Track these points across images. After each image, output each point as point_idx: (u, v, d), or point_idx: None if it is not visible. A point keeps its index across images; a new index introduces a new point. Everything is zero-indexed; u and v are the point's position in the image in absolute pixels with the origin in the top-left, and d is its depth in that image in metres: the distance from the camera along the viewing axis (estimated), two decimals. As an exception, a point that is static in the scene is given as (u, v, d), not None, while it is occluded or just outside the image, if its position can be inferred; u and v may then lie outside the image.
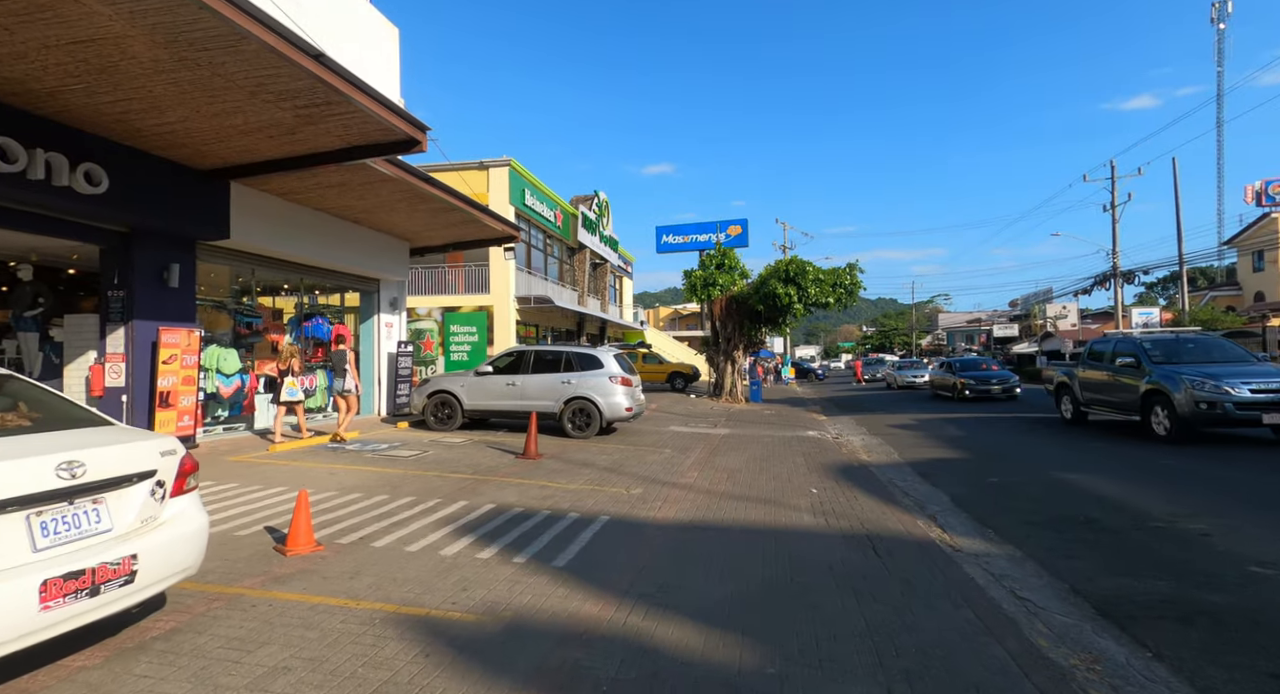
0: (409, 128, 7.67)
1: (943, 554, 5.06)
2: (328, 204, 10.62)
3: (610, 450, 9.98)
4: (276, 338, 11.74)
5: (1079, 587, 4.41)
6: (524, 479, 7.58)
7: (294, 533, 4.50)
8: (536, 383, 11.48)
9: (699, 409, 18.28)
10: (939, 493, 7.59)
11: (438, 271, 22.56)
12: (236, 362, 9.91)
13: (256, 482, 6.90)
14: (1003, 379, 20.88)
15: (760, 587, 4.19)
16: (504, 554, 4.73)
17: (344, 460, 8.38)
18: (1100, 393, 12.45)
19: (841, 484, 7.78)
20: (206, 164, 8.26)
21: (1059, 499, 7.02)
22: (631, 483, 7.55)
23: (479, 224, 12.89)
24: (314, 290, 14.06)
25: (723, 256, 21.79)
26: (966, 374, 21.38)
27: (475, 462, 8.63)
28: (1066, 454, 10.12)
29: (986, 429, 13.46)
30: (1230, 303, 41.67)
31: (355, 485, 6.90)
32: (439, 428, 11.68)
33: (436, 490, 6.79)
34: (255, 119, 7.00)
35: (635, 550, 4.93)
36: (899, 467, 9.47)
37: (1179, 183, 30.06)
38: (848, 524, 5.87)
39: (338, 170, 9.01)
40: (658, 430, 12.90)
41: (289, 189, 9.66)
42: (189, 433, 8.54)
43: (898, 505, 6.74)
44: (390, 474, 7.57)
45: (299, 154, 8.11)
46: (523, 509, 6.15)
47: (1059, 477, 8.23)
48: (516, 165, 21.79)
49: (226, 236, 8.95)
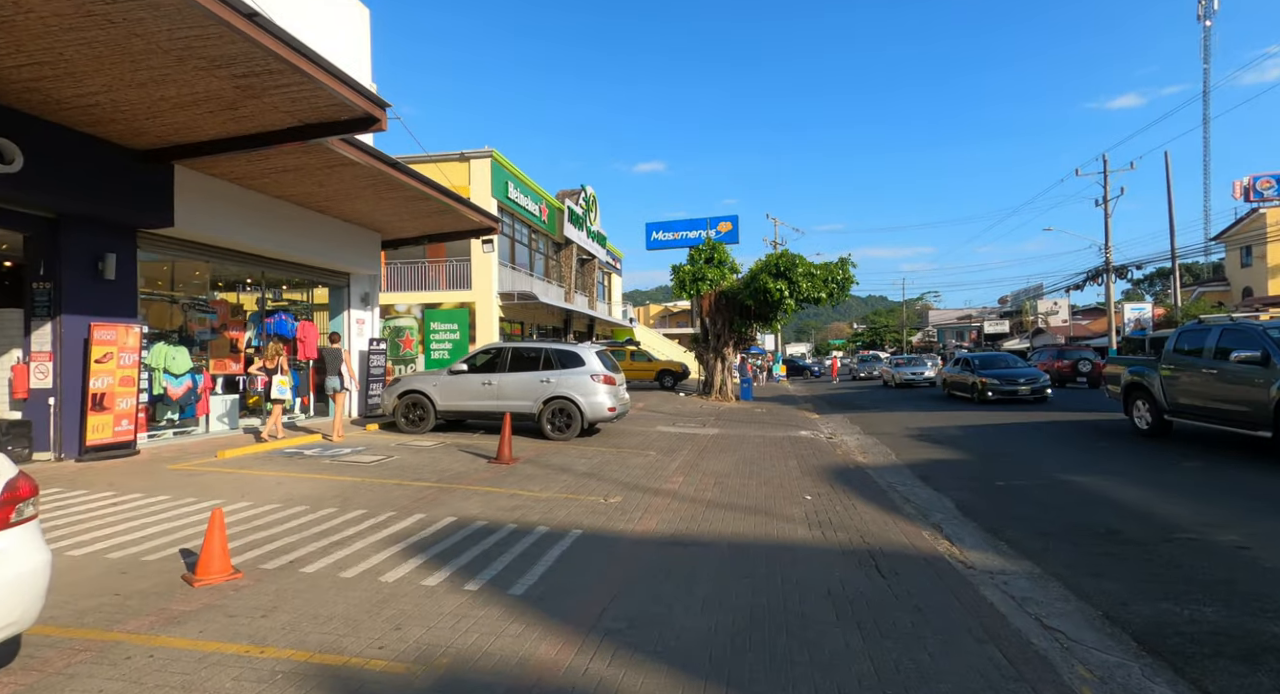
0: (365, 103, 7.01)
1: (954, 573, 4.49)
2: (286, 191, 9.91)
3: (591, 453, 9.36)
4: (236, 335, 11.03)
5: (1114, 613, 3.84)
6: (493, 487, 6.95)
7: (205, 559, 3.84)
8: (514, 382, 10.83)
9: (688, 408, 17.70)
10: (942, 499, 7.03)
11: (418, 267, 21.81)
12: (187, 360, 9.20)
13: (191, 493, 6.22)
14: (1031, 378, 18.10)
15: (749, 619, 3.59)
16: (455, 580, 4.10)
17: (298, 467, 7.71)
18: (1199, 397, 9.50)
19: (837, 489, 7.20)
20: (143, 143, 7.55)
21: (1072, 505, 6.48)
22: (610, 490, 6.94)
23: (454, 214, 12.21)
24: (282, 286, 13.34)
25: (712, 251, 21.20)
26: (988, 372, 18.56)
27: (443, 467, 7.99)
28: (1072, 455, 9.60)
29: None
30: (1218, 298, 41.64)
31: (303, 496, 6.23)
32: (410, 430, 11.00)
33: (393, 501, 6.14)
34: (189, 90, 6.31)
35: (608, 572, 4.32)
36: (897, 469, 8.92)
37: (1171, 177, 29.82)
38: (846, 537, 5.29)
39: (292, 153, 8.31)
40: (643, 431, 12.29)
41: (241, 174, 8.95)
42: (128, 438, 7.83)
43: (899, 513, 6.17)
44: (345, 483, 6.91)
45: (246, 133, 7.43)
46: (486, 522, 5.52)
47: (1066, 480, 7.69)
48: (499, 157, 21.07)
49: (170, 224, 8.24)
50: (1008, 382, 18.05)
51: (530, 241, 25.32)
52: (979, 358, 20.47)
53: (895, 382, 28.91)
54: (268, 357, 9.64)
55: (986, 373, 18.61)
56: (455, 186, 18.52)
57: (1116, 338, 30.05)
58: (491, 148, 20.67)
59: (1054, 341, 37.69)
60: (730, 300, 20.78)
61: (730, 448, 10.28)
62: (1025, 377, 18.22)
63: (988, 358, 20.72)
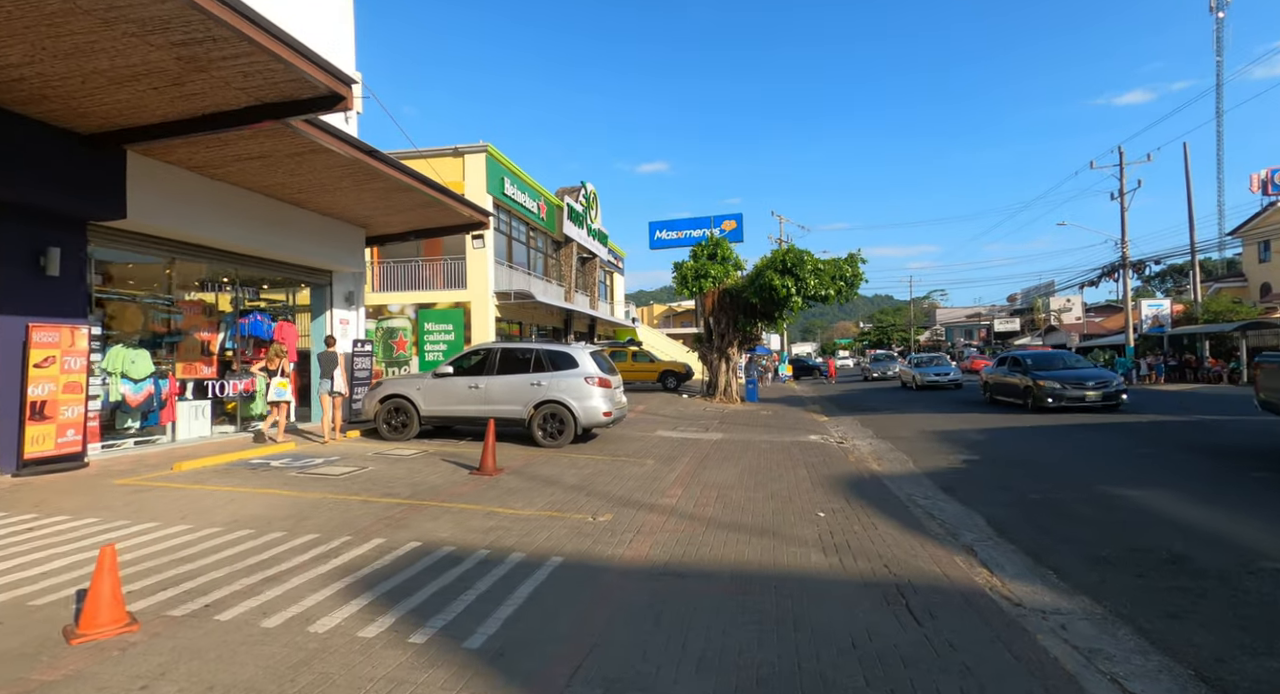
0: (328, 79, 6.33)
1: (1000, 613, 3.76)
2: (256, 182, 9.24)
3: (583, 463, 8.65)
4: (208, 337, 10.38)
5: (1209, 673, 3.11)
6: (470, 503, 6.25)
7: (90, 609, 3.15)
8: (503, 385, 10.13)
9: (690, 410, 16.97)
10: (971, 514, 6.29)
11: (412, 266, 21.17)
12: (148, 364, 8.54)
13: (127, 515, 5.54)
14: (1101, 381, 14.89)
15: (755, 683, 2.87)
16: (400, 628, 3.40)
17: (258, 481, 7.02)
18: None
19: (853, 504, 6.47)
20: (88, 126, 6.89)
21: (1123, 525, 5.73)
22: (601, 506, 6.23)
23: (441, 207, 11.53)
24: (263, 284, 12.69)
25: (715, 247, 20.46)
26: (1046, 374, 15.46)
27: (419, 480, 7.29)
28: (1111, 463, 8.84)
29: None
30: (1235, 294, 40.60)
31: (252, 517, 5.54)
32: (392, 437, 10.32)
33: (353, 522, 5.45)
34: (124, 62, 5.64)
35: (587, 615, 3.61)
36: (916, 478, 8.18)
37: (1190, 168, 28.92)
38: (868, 565, 4.56)
39: (255, 138, 7.65)
40: (642, 436, 11.58)
41: (203, 162, 8.29)
42: (75, 450, 7.17)
43: (925, 534, 5.44)
44: (305, 500, 6.22)
45: (199, 114, 6.76)
46: (454, 548, 4.82)
47: (1111, 492, 6.94)
48: (494, 151, 20.41)
49: (123, 216, 7.58)
50: (1072, 385, 14.83)
51: (528, 239, 24.65)
52: (1032, 357, 17.28)
53: (918, 383, 26.06)
54: (269, 359, 9.68)
55: (1044, 375, 15.43)
56: (449, 183, 17.87)
57: (1134, 335, 29.16)
58: (486, 142, 20.01)
59: (1067, 340, 36.75)
60: (734, 298, 20.04)
61: (734, 455, 9.55)
62: (1094, 379, 15.03)
63: (1043, 356, 17.63)
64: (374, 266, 21.03)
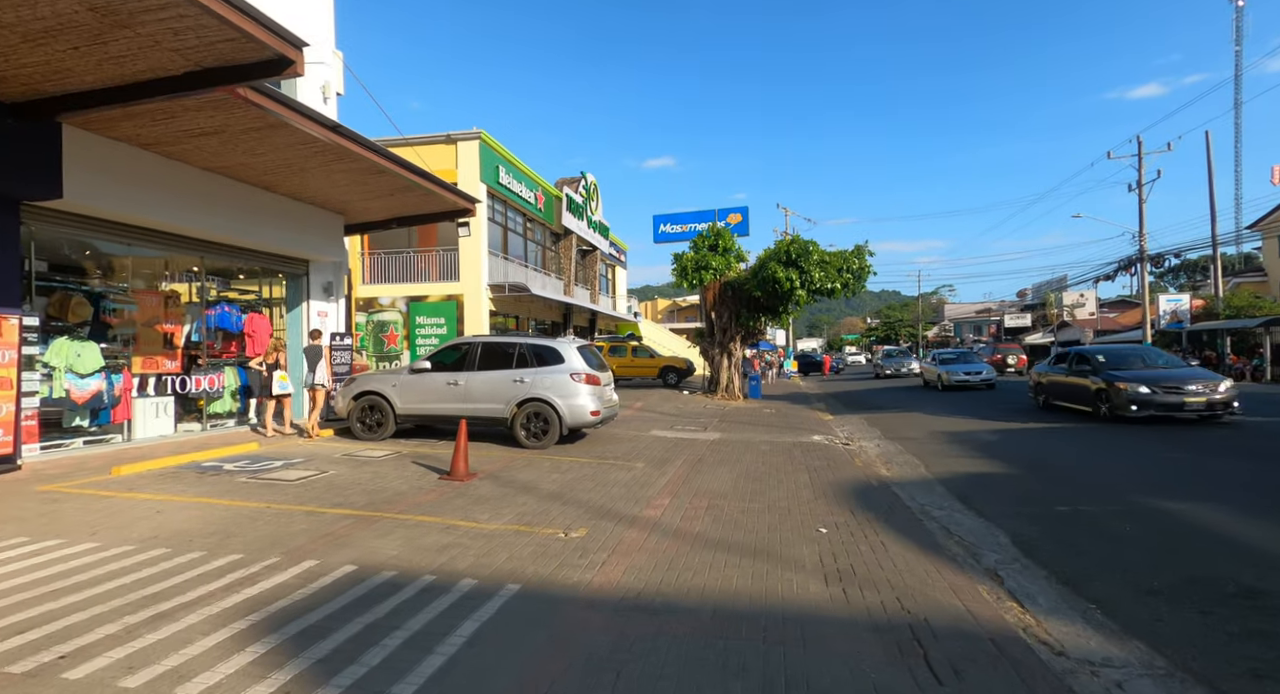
0: (271, 39, 5.63)
1: (1041, 667, 3.06)
2: (215, 162, 8.57)
3: (566, 466, 7.98)
4: (172, 329, 9.74)
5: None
6: (430, 515, 5.59)
7: (-111, 668, 2.49)
8: (483, 382, 9.45)
9: (689, 408, 16.27)
10: (993, 530, 5.58)
11: (404, 257, 20.50)
12: (97, 358, 7.91)
13: (30, 530, 4.89)
14: (1207, 382, 11.53)
15: (732, 783, 2.18)
16: (295, 689, 2.73)
17: (200, 488, 6.38)
18: None
19: (859, 517, 5.77)
20: (9, 93, 6.23)
21: (1172, 545, 5.00)
22: (576, 519, 5.56)
23: (422, 192, 10.84)
24: (239, 274, 12.07)
25: (717, 237, 19.70)
26: (1124, 374, 12.15)
27: (380, 487, 6.63)
28: (1142, 469, 8.10)
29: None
30: (1255, 289, 39.48)
31: (174, 533, 4.89)
32: (366, 436, 9.66)
33: (288, 539, 4.78)
34: (31, 13, 4.97)
35: (532, 669, 2.93)
36: (928, 485, 7.47)
37: (1212, 157, 27.92)
38: (877, 599, 3.86)
39: (203, 111, 6.97)
40: (635, 436, 10.90)
41: (151, 138, 7.62)
42: (6, 451, 6.54)
43: (943, 556, 4.74)
44: (244, 511, 5.56)
45: (134, 80, 6.09)
46: (395, 573, 4.15)
47: (1150, 505, 6.21)
48: (488, 138, 19.68)
49: (58, 195, 6.93)
50: (1167, 388, 11.41)
51: (525, 231, 23.94)
52: (1104, 352, 13.77)
53: (944, 383, 22.47)
54: (268, 353, 9.82)
55: (1123, 375, 12.15)
56: (441, 171, 17.15)
57: (1151, 332, 28.23)
58: (480, 129, 19.29)
59: (1081, 335, 35.80)
60: (737, 291, 19.30)
61: (731, 458, 8.86)
62: (1197, 381, 11.57)
63: (1117, 352, 14.06)
64: (365, 258, 20.40)
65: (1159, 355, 14.01)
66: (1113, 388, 12.03)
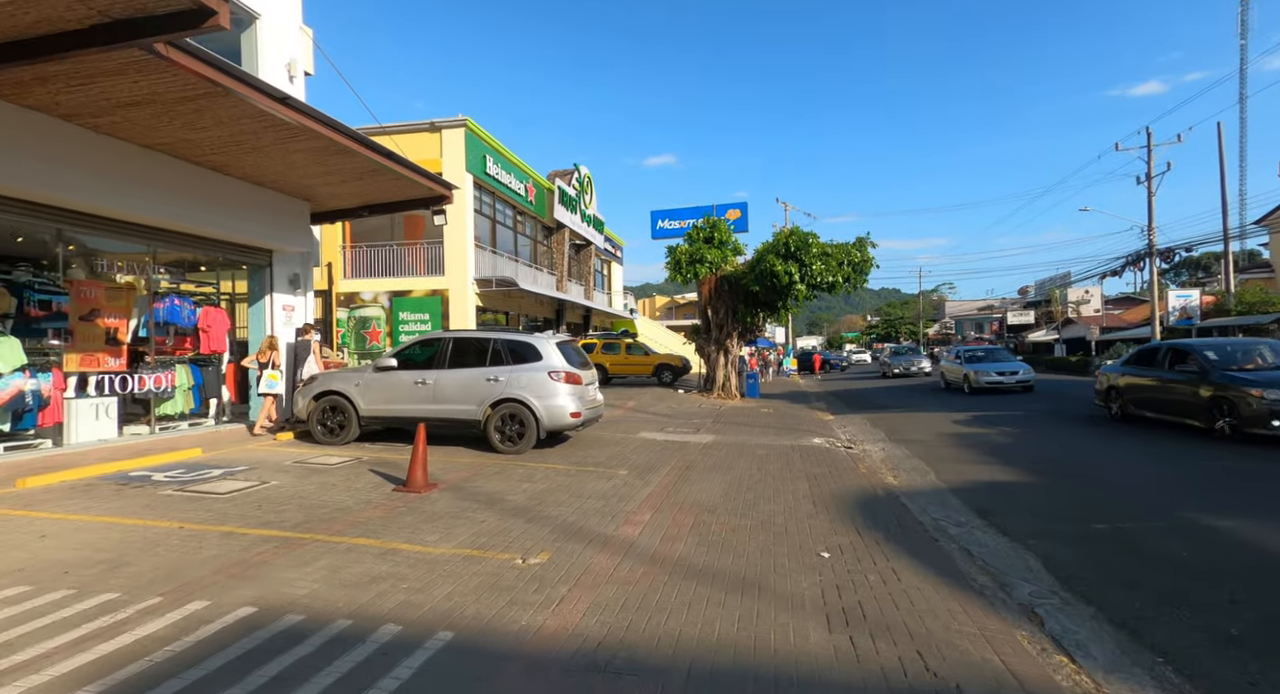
0: (184, -16, 4.83)
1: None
2: (153, 138, 7.77)
3: (540, 475, 7.21)
4: (115, 324, 8.96)
5: None
6: (368, 536, 4.81)
7: None
8: (454, 381, 8.67)
9: (683, 407, 15.50)
10: (1021, 553, 4.82)
11: (387, 250, 19.69)
12: (18, 355, 7.12)
13: (-119, 557, 4.12)
14: None
15: None
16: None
17: (114, 503, 5.59)
18: None
19: (866, 537, 5.00)
20: (-109, 52, 5.42)
21: (1237, 572, 4.24)
22: (539, 540, 4.79)
23: (392, 176, 10.03)
24: (200, 266, 11.28)
25: (712, 230, 18.88)
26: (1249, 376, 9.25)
27: (323, 501, 5.86)
28: (1180, 477, 7.33)
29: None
30: (1262, 285, 38.73)
31: (52, 563, 4.11)
32: (327, 440, 8.87)
33: (182, 572, 4.00)
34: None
35: (432, 772, 2.16)
36: (941, 496, 6.71)
37: (1223, 150, 27.15)
38: (893, 654, 3.09)
39: (125, 73, 6.17)
40: (622, 438, 10.13)
41: (74, 108, 6.82)
42: (-104, 460, 5.75)
43: (967, 588, 3.97)
44: (150, 532, 4.78)
45: (34, 34, 5.30)
46: (302, 617, 3.38)
47: (1200, 522, 5.45)
48: (474, 126, 18.86)
49: (-41, 171, 6.13)
50: None
51: (515, 224, 23.13)
52: (1213, 348, 10.60)
53: (974, 385, 19.18)
54: (260, 351, 9.78)
55: (1255, 379, 9.09)
56: (425, 160, 16.34)
57: (1160, 328, 27.48)
58: (465, 116, 18.47)
59: (1086, 333, 35.02)
60: (734, 286, 18.52)
61: (724, 464, 8.09)
62: None
63: (1229, 347, 10.70)
64: (346, 251, 19.60)
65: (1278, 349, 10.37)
66: (1239, 395, 8.98)
